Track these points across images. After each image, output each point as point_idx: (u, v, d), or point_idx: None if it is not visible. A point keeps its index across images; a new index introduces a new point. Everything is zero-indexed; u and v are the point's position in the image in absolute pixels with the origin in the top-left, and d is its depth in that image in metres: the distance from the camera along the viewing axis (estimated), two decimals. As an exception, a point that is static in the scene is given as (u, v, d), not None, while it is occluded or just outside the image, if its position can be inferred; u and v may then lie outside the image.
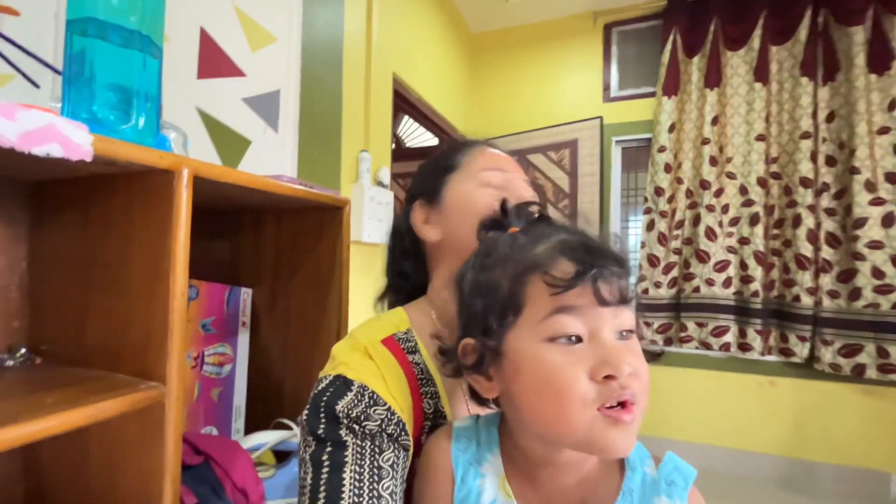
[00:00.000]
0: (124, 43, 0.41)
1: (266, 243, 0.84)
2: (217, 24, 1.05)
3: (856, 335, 2.03)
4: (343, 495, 0.41)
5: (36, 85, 0.55)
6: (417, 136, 3.43)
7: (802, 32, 2.19)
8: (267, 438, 0.70)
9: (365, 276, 1.73)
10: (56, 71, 0.53)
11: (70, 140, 0.35)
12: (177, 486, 0.47)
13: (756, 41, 2.28)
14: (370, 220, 1.65)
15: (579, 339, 0.37)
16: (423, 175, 0.64)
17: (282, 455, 0.71)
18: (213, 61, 1.04)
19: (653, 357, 0.51)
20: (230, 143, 1.08)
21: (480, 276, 0.42)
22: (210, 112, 1.03)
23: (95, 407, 0.40)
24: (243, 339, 0.79)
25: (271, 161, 1.21)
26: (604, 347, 0.36)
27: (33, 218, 0.58)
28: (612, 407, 0.35)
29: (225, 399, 0.75)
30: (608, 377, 0.35)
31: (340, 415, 0.45)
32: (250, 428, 0.77)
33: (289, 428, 0.72)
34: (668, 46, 2.42)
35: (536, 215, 0.47)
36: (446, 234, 0.58)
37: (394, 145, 3.28)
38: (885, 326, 1.98)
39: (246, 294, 0.80)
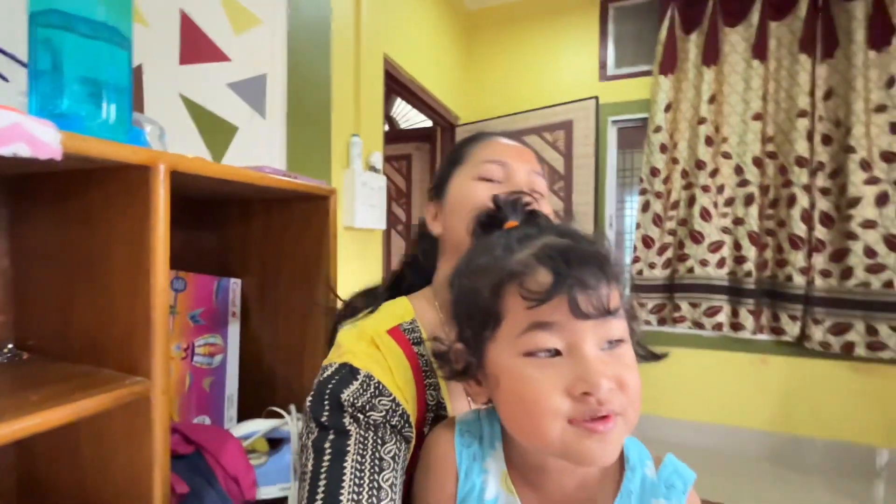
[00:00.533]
0: (90, 34, 0.39)
1: (254, 233, 0.83)
2: (198, 7, 1.02)
3: (846, 314, 2.05)
4: (343, 484, 0.41)
5: (5, 79, 0.53)
6: (412, 116, 3.37)
7: (802, 7, 2.14)
8: (259, 426, 0.71)
9: (358, 261, 1.73)
10: (22, 64, 0.51)
11: (36, 138, 0.34)
12: (166, 476, 0.47)
13: (755, 17, 2.22)
14: (362, 206, 1.64)
15: (558, 353, 0.36)
16: (438, 169, 0.63)
17: (274, 442, 0.72)
18: (196, 46, 1.01)
19: (655, 358, 0.51)
20: (216, 131, 1.06)
21: (465, 283, 0.42)
22: (194, 98, 1.01)
23: (79, 404, 0.41)
24: (234, 330, 0.79)
25: (259, 148, 1.20)
26: (582, 362, 0.35)
27: (14, 213, 0.58)
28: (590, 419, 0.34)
29: (217, 389, 0.76)
30: (586, 393, 0.34)
31: (345, 403, 0.45)
32: (243, 416, 0.78)
33: (280, 416, 0.73)
34: (666, 23, 2.37)
35: (529, 208, 0.46)
36: (445, 230, 0.57)
37: (387, 127, 3.24)
38: (875, 305, 1.99)
39: (235, 284, 0.80)
